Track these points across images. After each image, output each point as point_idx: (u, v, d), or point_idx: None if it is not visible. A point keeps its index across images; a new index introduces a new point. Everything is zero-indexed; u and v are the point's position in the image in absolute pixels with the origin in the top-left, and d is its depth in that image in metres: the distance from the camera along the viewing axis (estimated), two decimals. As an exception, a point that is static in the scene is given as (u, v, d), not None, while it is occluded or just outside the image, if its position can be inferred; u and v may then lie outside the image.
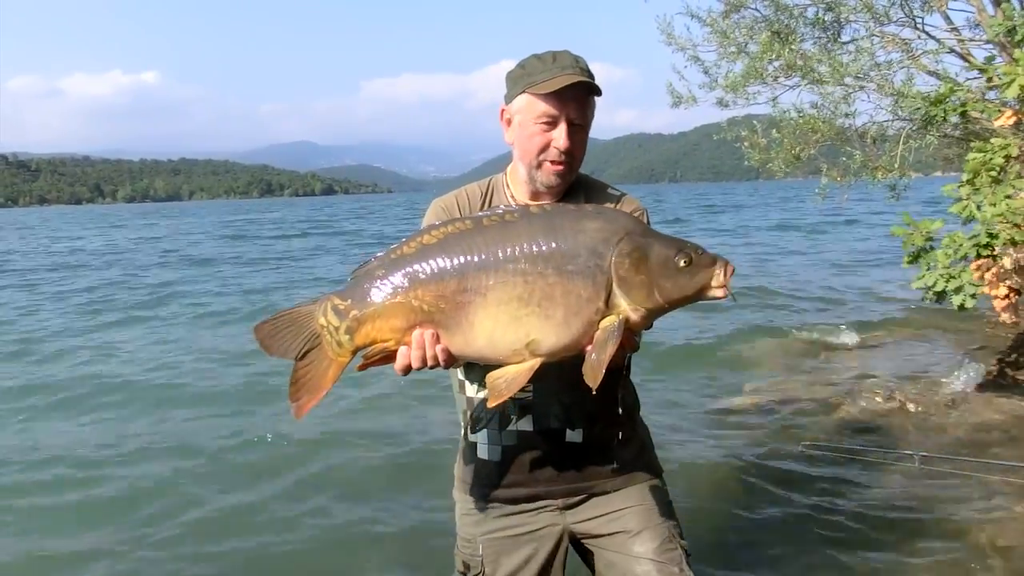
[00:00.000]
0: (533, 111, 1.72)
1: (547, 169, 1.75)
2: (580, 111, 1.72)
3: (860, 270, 14.42)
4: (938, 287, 3.63)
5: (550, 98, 1.69)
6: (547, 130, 1.72)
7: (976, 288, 3.61)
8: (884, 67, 7.14)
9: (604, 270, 1.50)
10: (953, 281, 3.58)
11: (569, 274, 1.49)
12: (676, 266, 1.50)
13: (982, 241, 3.55)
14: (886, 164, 7.24)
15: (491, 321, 1.50)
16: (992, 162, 3.66)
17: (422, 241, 1.55)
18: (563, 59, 1.71)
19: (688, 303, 1.56)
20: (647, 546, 1.85)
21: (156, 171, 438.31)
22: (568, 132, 1.71)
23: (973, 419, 5.37)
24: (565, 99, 1.69)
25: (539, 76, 1.70)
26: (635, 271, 1.50)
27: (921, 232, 3.76)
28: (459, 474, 2.00)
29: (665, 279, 1.50)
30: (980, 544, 3.66)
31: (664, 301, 1.52)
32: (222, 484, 4.94)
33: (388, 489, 4.76)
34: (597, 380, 1.49)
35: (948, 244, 3.68)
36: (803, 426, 5.46)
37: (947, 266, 3.63)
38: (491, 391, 1.54)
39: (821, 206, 8.47)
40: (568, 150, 1.72)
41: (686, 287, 1.51)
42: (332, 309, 1.56)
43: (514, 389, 1.52)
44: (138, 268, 20.12)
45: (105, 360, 8.76)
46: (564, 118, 1.71)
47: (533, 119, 1.72)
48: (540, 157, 1.74)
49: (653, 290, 1.51)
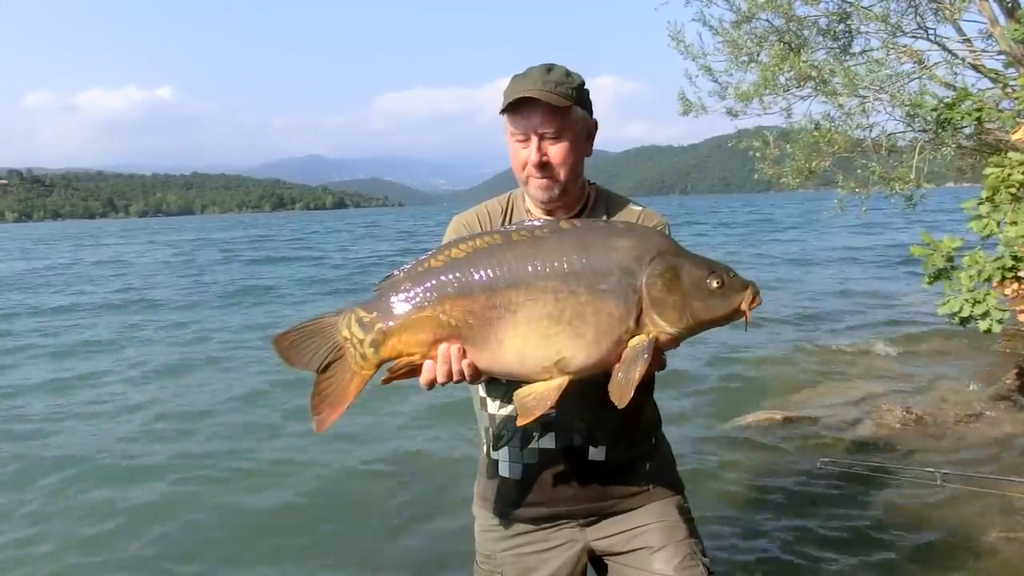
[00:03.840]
0: (508, 128, 1.75)
1: (532, 184, 1.76)
2: (549, 123, 1.70)
3: (876, 284, 14.31)
4: (964, 312, 3.58)
5: (514, 116, 1.71)
6: (523, 147, 1.73)
7: (1003, 313, 3.55)
8: (898, 78, 7.11)
9: (636, 289, 1.48)
10: (979, 306, 3.53)
11: (601, 293, 1.48)
12: (708, 288, 1.49)
13: (1007, 264, 3.49)
14: (902, 175, 7.20)
15: (520, 339, 1.48)
16: (1011, 178, 3.61)
17: (450, 255, 1.53)
18: (531, 74, 1.70)
19: (717, 326, 1.55)
20: (669, 563, 1.82)
21: (169, 185, 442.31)
22: (539, 146, 1.71)
23: (993, 434, 5.30)
24: (528, 114, 1.69)
25: (509, 93, 1.71)
26: (667, 291, 1.48)
27: (941, 252, 3.71)
28: (480, 491, 1.97)
29: (697, 300, 1.49)
30: (1005, 562, 3.58)
31: (695, 322, 1.50)
32: (226, 499, 4.93)
33: (405, 506, 4.72)
34: (625, 399, 1.47)
35: (970, 264, 3.63)
36: (821, 443, 5.39)
37: (971, 289, 3.58)
38: (520, 409, 1.52)
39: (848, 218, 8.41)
40: (541, 163, 1.71)
41: (717, 309, 1.50)
42: (357, 321, 1.53)
43: (544, 407, 1.50)
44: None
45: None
46: (532, 132, 1.70)
47: (510, 136, 1.76)
48: (523, 173, 1.76)
49: (685, 311, 1.49)
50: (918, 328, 9.42)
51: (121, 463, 5.70)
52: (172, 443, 6.14)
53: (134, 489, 5.13)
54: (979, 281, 3.61)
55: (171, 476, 5.37)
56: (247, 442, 6.09)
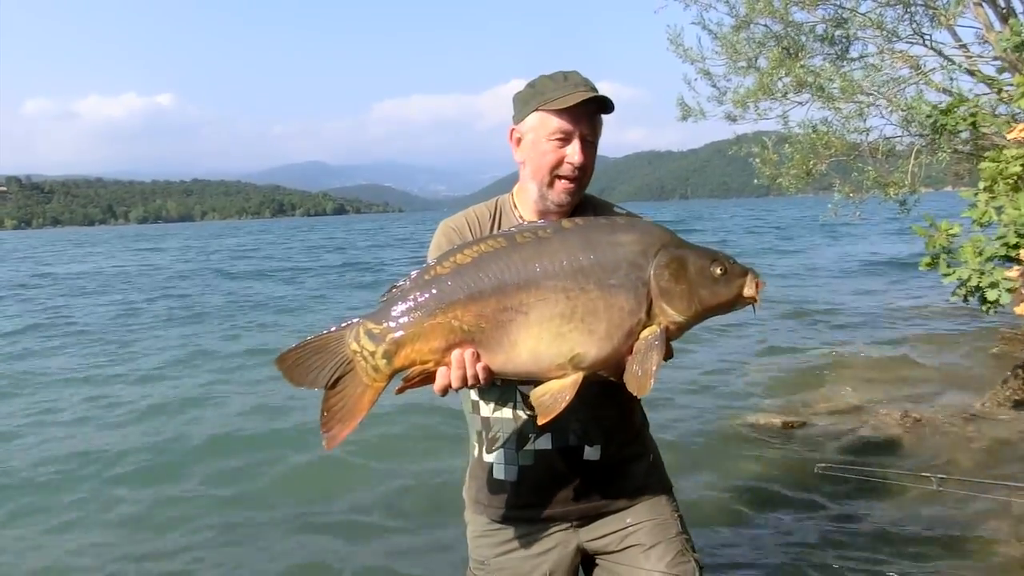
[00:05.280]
0: (547, 128, 1.73)
1: (559, 187, 1.76)
2: (592, 128, 1.75)
3: (875, 288, 14.32)
4: (972, 281, 3.59)
5: (564, 114, 1.71)
6: (560, 146, 1.73)
7: (1011, 284, 3.57)
8: (894, 83, 7.14)
9: (645, 282, 1.52)
10: (986, 276, 3.54)
11: (611, 288, 1.50)
12: (712, 275, 1.54)
13: (1011, 240, 3.50)
14: (897, 180, 7.22)
15: (534, 339, 1.50)
16: (1008, 171, 3.64)
17: (456, 261, 1.53)
18: (574, 77, 1.74)
19: (722, 312, 1.60)
20: (661, 560, 1.84)
21: (168, 192, 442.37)
22: (582, 148, 1.74)
23: (992, 438, 5.29)
24: (579, 115, 1.72)
25: (552, 94, 1.72)
26: (675, 281, 1.52)
27: (943, 232, 3.74)
28: (472, 496, 1.97)
29: (703, 288, 1.54)
30: (1001, 567, 3.58)
31: (703, 309, 1.55)
32: (218, 508, 4.92)
33: (397, 515, 4.72)
34: (645, 389, 1.50)
35: (973, 244, 3.65)
36: (818, 446, 5.40)
37: (977, 265, 3.60)
38: (539, 408, 1.53)
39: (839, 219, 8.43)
40: (582, 165, 1.74)
41: (722, 295, 1.55)
42: (366, 334, 1.53)
43: (562, 405, 1.52)
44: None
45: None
46: (577, 134, 1.73)
47: (547, 136, 1.74)
48: (553, 174, 1.76)
49: (693, 299, 1.53)
50: (916, 332, 9.44)
51: (113, 477, 5.69)
52: (166, 453, 6.14)
53: (121, 506, 5.09)
54: (983, 260, 3.62)
55: (164, 484, 5.36)
56: (237, 452, 6.06)
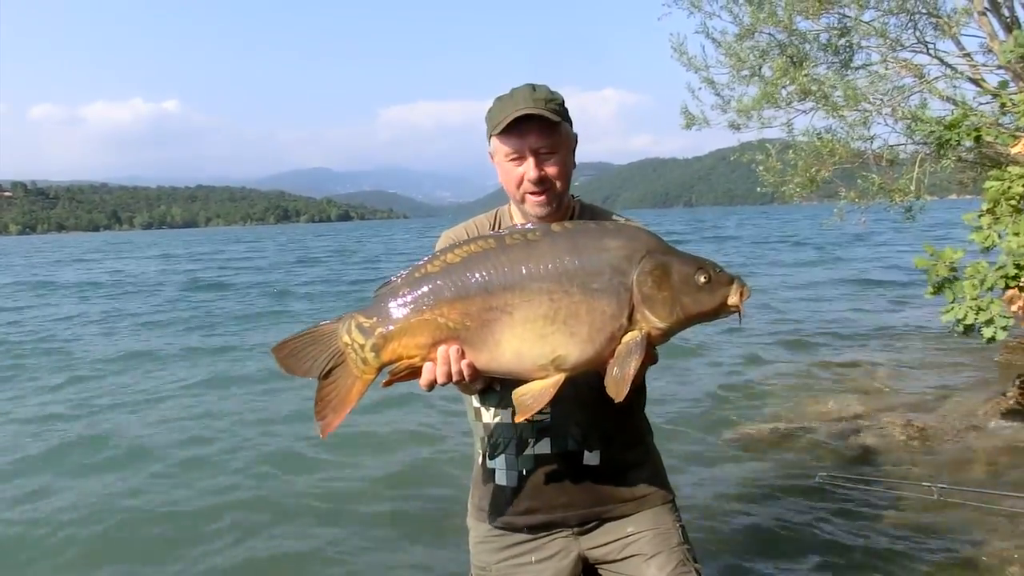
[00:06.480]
0: (501, 151, 1.79)
1: (530, 201, 1.80)
2: (543, 139, 1.75)
3: (876, 296, 14.30)
4: (968, 320, 3.59)
5: (508, 136, 1.75)
6: (518, 165, 1.78)
7: (1007, 320, 3.56)
8: (898, 91, 7.15)
9: (627, 287, 1.53)
10: (983, 313, 3.54)
11: (594, 292, 1.52)
12: (696, 283, 1.55)
13: (1010, 272, 3.51)
14: (902, 187, 7.22)
15: (517, 339, 1.53)
16: (1011, 191, 3.64)
17: (446, 260, 1.57)
18: (518, 94, 1.76)
19: (706, 320, 1.60)
20: (662, 570, 1.84)
21: (173, 198, 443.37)
22: (536, 162, 1.76)
23: (992, 448, 5.29)
24: (524, 132, 1.74)
25: (498, 116, 1.76)
26: (657, 288, 1.54)
27: (944, 263, 3.73)
28: (475, 502, 1.99)
29: (686, 296, 1.55)
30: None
31: (685, 317, 1.56)
32: (215, 510, 4.94)
33: (398, 521, 4.72)
34: (621, 393, 1.51)
35: (973, 274, 3.64)
36: (820, 456, 5.40)
37: (975, 297, 3.59)
38: (518, 407, 1.56)
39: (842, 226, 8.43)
40: (539, 179, 1.76)
41: (705, 304, 1.56)
42: (357, 327, 1.58)
43: (541, 403, 1.54)
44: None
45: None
46: (528, 150, 1.75)
47: (504, 158, 1.79)
48: (520, 191, 1.80)
49: (675, 306, 1.54)
50: (918, 341, 9.43)
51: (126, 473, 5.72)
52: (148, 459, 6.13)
53: (124, 500, 5.14)
54: (983, 290, 3.62)
55: (172, 481, 5.39)
56: (238, 453, 6.09)
